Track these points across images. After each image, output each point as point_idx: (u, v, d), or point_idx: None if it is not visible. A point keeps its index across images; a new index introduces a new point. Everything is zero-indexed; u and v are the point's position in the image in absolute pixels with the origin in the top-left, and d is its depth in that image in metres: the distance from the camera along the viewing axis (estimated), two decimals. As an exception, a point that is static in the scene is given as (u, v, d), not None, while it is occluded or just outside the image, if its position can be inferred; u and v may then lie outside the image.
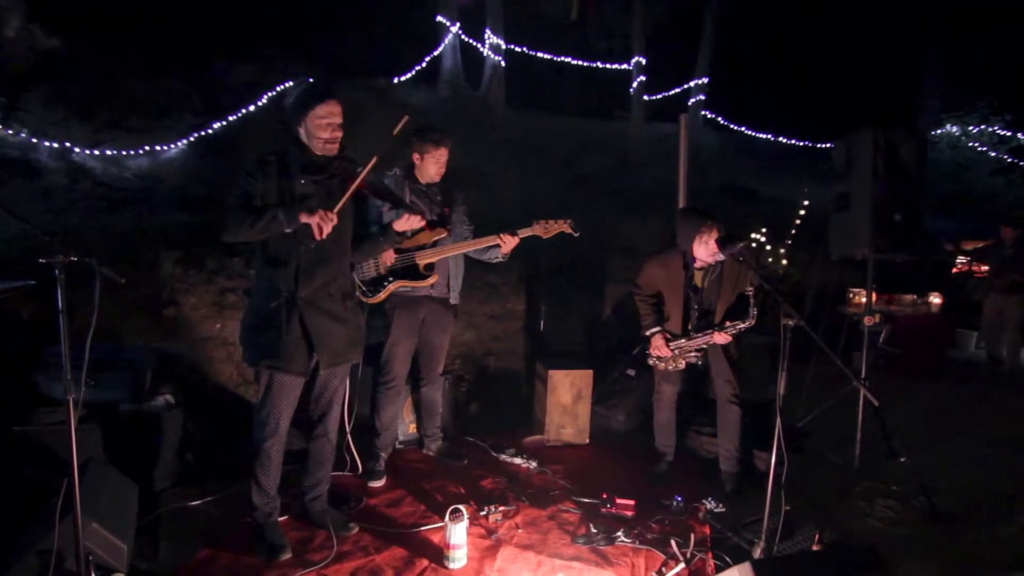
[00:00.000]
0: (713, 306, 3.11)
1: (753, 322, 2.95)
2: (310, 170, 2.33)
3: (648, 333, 3.20)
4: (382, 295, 3.05)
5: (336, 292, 2.43)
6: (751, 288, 2.97)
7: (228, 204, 2.26)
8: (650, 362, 3.26)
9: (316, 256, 2.34)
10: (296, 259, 2.32)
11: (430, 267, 3.06)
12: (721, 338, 3.03)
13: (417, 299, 3.12)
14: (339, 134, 2.34)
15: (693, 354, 3.15)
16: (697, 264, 3.07)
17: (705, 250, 2.98)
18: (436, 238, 3.05)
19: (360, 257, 2.63)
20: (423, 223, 2.54)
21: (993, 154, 11.20)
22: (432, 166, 3.07)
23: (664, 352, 3.16)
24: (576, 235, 3.01)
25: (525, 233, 3.00)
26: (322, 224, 2.21)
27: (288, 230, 2.25)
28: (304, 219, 2.22)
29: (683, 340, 3.13)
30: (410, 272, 3.04)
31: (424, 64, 9.70)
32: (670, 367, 3.19)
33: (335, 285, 2.43)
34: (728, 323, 3.01)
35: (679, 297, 3.15)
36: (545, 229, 2.97)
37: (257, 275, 2.47)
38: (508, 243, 3.00)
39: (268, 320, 2.33)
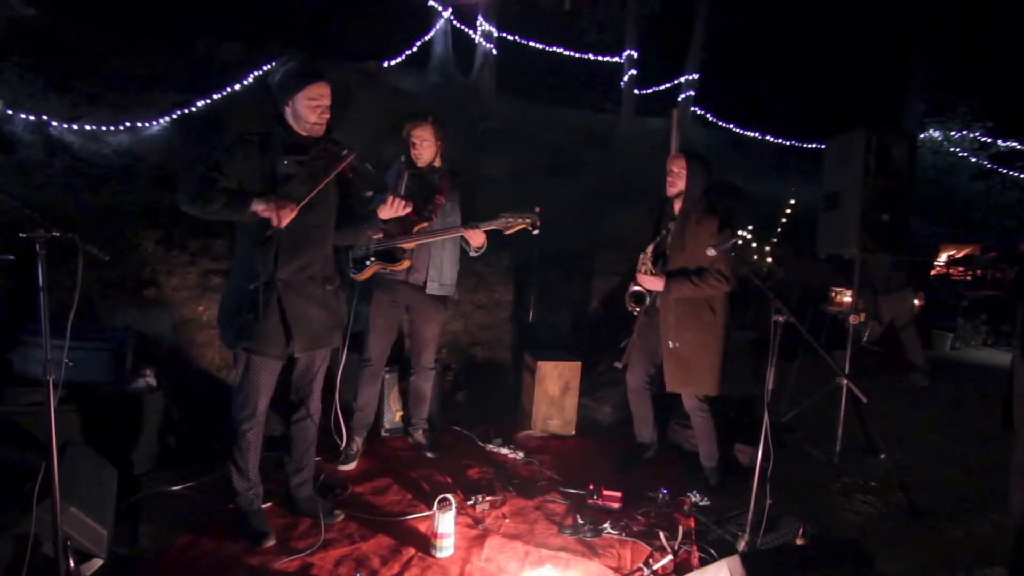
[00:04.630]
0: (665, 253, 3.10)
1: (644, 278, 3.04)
2: (294, 151, 2.26)
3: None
4: (364, 274, 3.09)
5: (317, 275, 2.38)
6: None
7: (194, 172, 2.14)
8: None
9: (297, 238, 2.27)
10: (276, 240, 2.24)
11: (402, 252, 3.07)
12: (643, 279, 3.06)
13: (394, 283, 3.14)
14: (327, 116, 2.29)
15: (632, 290, 3.16)
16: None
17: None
18: (417, 226, 3.05)
19: (341, 241, 2.57)
20: (408, 209, 2.46)
21: (974, 160, 11.42)
22: (416, 146, 3.05)
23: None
24: (535, 233, 2.95)
25: (488, 227, 2.97)
26: (280, 214, 2.12)
27: (239, 219, 2.17)
28: (256, 208, 2.13)
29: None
30: (387, 255, 3.05)
31: (414, 49, 9.58)
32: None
33: (316, 268, 2.37)
34: (646, 269, 3.06)
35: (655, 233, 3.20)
36: (506, 224, 2.93)
37: (237, 255, 2.38)
38: (473, 237, 2.99)
39: (246, 302, 2.27)
